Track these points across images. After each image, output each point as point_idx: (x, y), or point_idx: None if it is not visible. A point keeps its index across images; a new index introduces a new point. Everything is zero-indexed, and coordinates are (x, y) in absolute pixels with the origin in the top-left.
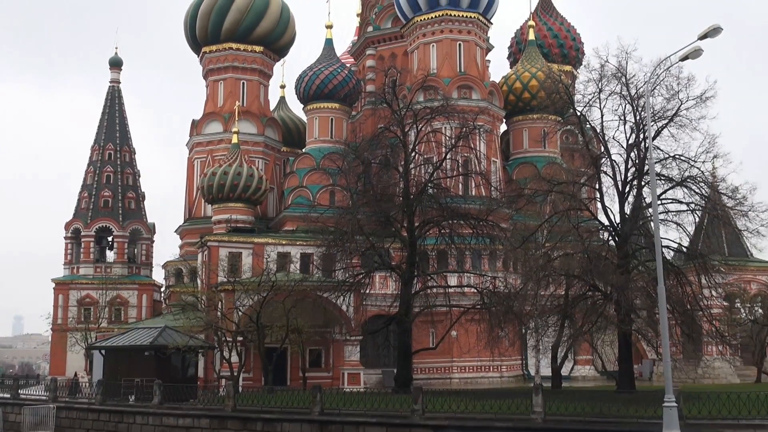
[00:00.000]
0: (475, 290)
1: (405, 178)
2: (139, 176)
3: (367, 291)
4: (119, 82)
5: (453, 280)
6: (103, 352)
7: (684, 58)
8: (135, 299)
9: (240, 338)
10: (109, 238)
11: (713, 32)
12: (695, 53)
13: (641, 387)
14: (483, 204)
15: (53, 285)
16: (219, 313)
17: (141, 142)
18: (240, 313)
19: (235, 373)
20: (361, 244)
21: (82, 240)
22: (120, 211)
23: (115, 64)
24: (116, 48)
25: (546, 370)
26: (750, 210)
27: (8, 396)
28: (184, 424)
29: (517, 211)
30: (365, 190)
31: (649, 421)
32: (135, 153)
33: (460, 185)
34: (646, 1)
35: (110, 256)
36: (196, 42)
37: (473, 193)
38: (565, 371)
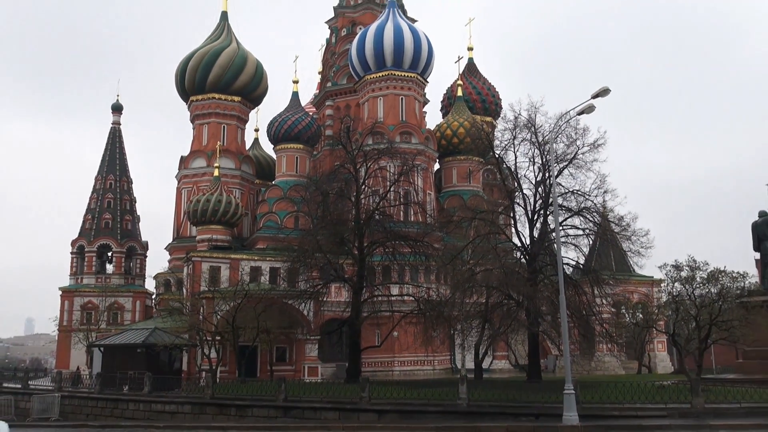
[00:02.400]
0: (413, 298)
1: (356, 206)
2: (135, 202)
3: (324, 299)
4: (120, 124)
5: (395, 290)
6: (101, 349)
7: (580, 113)
8: (130, 305)
9: (218, 338)
10: (109, 254)
11: (603, 92)
12: (589, 109)
13: (546, 378)
14: (420, 228)
15: (60, 292)
16: (201, 317)
17: (137, 173)
18: (218, 316)
19: (214, 367)
20: (319, 260)
21: (86, 255)
22: (118, 231)
23: (117, 109)
24: (117, 95)
25: (470, 364)
26: (632, 235)
27: (19, 386)
28: (170, 410)
29: (447, 234)
30: (324, 216)
31: (552, 405)
32: (132, 183)
33: (402, 213)
34: (555, 63)
35: (109, 268)
36: (185, 91)
37: (412, 219)
38: (485, 365)
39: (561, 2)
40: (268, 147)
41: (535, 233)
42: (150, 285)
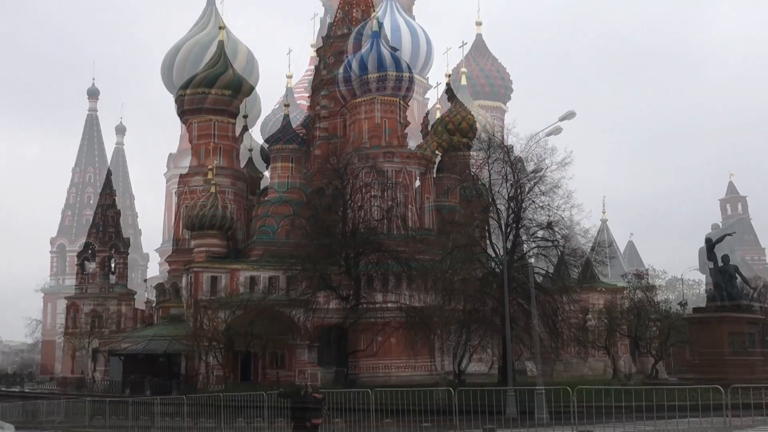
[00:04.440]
0: (398, 306)
1: (343, 220)
2: (137, 217)
3: (316, 306)
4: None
5: (381, 298)
6: (122, 357)
7: (549, 134)
8: (132, 312)
9: (215, 343)
10: (112, 266)
11: (569, 115)
12: (556, 131)
13: (519, 379)
14: (402, 240)
15: (67, 302)
16: (203, 325)
17: (139, 191)
18: (223, 324)
19: (212, 371)
20: (312, 270)
21: (88, 269)
22: (120, 246)
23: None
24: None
25: (449, 367)
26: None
27: (26, 390)
28: (170, 411)
29: (428, 245)
30: (314, 230)
31: (525, 404)
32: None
33: (385, 226)
34: (529, 86)
35: (113, 279)
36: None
37: (395, 232)
38: (463, 367)
39: (533, 34)
40: (261, 166)
41: (508, 245)
42: (152, 294)
